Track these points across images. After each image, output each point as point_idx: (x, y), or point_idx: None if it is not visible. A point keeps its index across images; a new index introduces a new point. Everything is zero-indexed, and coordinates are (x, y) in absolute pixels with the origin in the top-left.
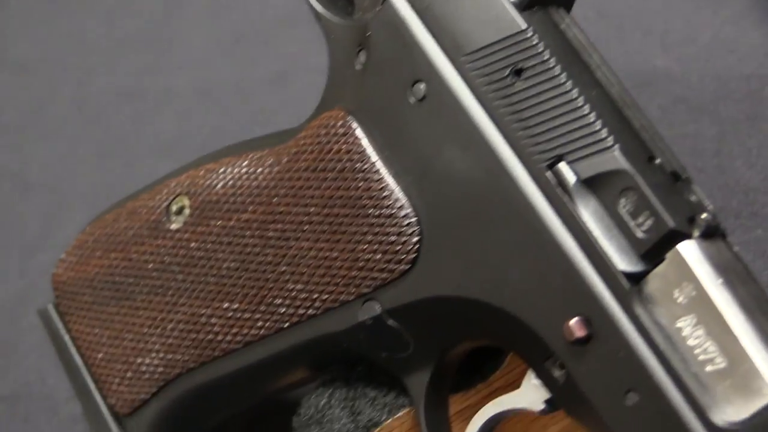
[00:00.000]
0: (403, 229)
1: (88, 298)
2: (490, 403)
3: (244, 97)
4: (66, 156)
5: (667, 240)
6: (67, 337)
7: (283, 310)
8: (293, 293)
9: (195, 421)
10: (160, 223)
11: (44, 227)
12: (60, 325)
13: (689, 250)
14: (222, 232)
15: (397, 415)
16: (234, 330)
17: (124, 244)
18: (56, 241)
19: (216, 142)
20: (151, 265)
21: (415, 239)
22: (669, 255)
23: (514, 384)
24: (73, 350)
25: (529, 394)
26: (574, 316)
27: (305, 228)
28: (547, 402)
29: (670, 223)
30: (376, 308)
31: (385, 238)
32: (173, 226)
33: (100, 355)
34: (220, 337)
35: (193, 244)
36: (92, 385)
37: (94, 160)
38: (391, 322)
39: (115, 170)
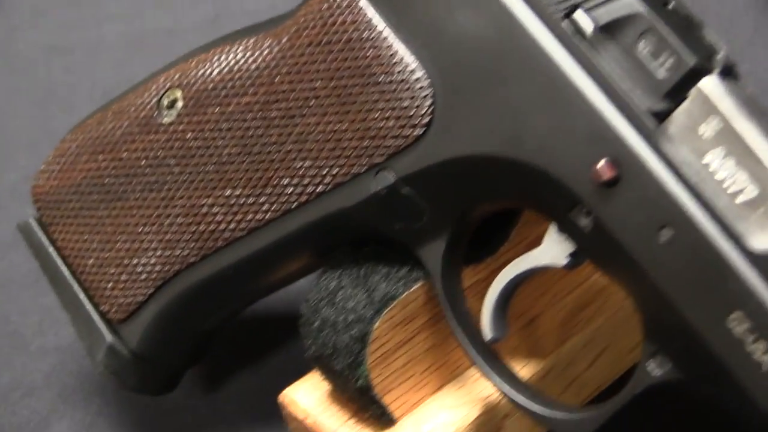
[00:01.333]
0: (415, 93)
1: (75, 204)
2: (512, 263)
3: (180, 43)
4: (1, 112)
5: (689, 77)
6: (51, 249)
7: (291, 190)
8: (301, 171)
9: (193, 322)
10: (151, 118)
11: None
12: (43, 237)
13: (711, 85)
14: (220, 118)
15: (412, 289)
16: (237, 217)
17: (113, 145)
18: None
19: None
20: (144, 162)
21: (429, 102)
22: (691, 92)
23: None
24: (59, 261)
25: (552, 249)
26: (601, 159)
27: (311, 103)
28: (571, 255)
29: (691, 60)
30: (389, 177)
31: (397, 104)
32: (166, 120)
33: (90, 261)
34: (222, 227)
35: (189, 135)
36: (82, 294)
37: (30, 110)
38: (405, 190)
39: (54, 118)
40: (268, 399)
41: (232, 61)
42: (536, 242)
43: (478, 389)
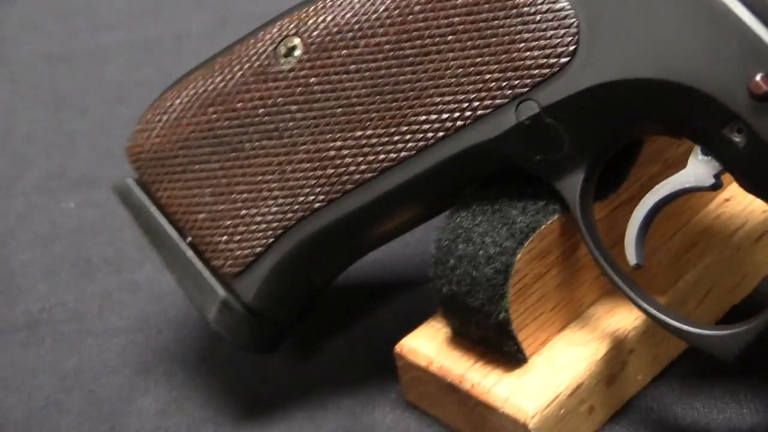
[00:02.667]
0: (560, 21)
1: (182, 159)
2: (653, 190)
3: (187, 47)
4: (8, 118)
5: None
6: (154, 207)
7: (428, 126)
8: (439, 106)
9: (311, 274)
10: (268, 66)
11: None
12: (144, 197)
13: None
14: (348, 61)
15: (548, 222)
16: (369, 158)
17: (224, 96)
18: (23, 189)
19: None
20: (261, 111)
21: (574, 30)
22: None
23: (638, 196)
24: (163, 219)
25: (697, 171)
26: (757, 74)
27: (449, 39)
28: (716, 176)
29: None
30: (533, 107)
31: (542, 33)
32: (285, 67)
33: (201, 216)
34: (352, 169)
35: (312, 80)
36: (191, 251)
37: (42, 115)
38: (548, 120)
39: (70, 120)
40: (365, 358)
41: (357, 5)
42: (650, 181)
43: (603, 327)
